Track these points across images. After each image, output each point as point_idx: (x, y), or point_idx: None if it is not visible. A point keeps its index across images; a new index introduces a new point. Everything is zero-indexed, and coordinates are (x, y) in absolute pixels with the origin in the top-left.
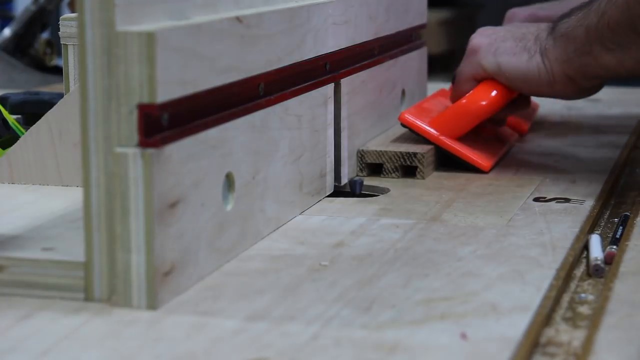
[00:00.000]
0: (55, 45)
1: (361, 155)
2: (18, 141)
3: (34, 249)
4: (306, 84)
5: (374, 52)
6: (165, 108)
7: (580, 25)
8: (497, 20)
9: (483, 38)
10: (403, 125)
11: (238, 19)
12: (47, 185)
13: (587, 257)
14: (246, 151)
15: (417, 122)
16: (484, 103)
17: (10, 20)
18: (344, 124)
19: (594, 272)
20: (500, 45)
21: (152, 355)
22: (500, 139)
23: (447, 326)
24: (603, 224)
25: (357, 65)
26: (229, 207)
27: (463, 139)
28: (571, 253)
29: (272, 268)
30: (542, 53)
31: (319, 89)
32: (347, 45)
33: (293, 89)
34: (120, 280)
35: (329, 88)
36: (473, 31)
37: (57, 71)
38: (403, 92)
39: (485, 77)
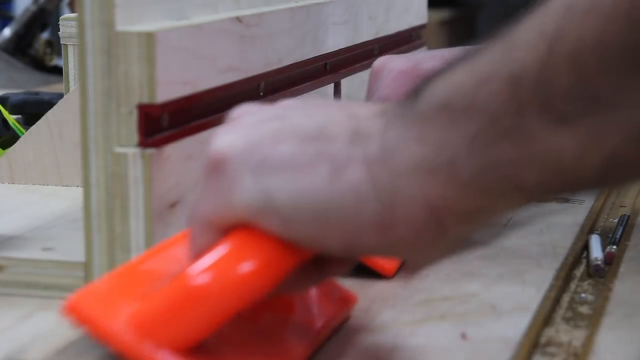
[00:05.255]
0: (55, 45)
1: None
2: (18, 141)
3: (34, 249)
4: (306, 84)
5: (374, 52)
6: (165, 108)
7: (492, 74)
8: (498, 22)
9: (233, 137)
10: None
11: (238, 19)
12: (47, 185)
13: (587, 257)
14: None
15: (94, 314)
16: (245, 271)
17: (10, 20)
18: None
19: (594, 272)
20: (269, 153)
21: None
22: (304, 323)
23: (447, 326)
24: (603, 224)
25: (357, 65)
26: None
27: (209, 342)
28: (571, 253)
29: None
30: (370, 162)
31: (319, 89)
32: (347, 45)
33: (293, 89)
34: None
35: (329, 88)
36: (473, 31)
37: (57, 71)
38: None
39: (238, 223)
